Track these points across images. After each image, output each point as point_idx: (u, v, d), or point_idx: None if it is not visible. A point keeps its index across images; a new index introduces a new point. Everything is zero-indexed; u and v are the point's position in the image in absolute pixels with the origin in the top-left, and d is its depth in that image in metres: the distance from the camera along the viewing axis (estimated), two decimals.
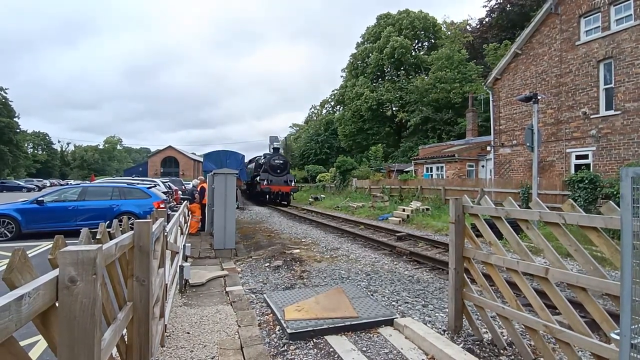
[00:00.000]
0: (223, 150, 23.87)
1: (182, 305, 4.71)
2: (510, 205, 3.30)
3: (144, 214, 10.21)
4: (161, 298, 3.25)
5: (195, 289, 5.41)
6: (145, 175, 47.55)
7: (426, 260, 7.22)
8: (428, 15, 38.91)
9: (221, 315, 4.35)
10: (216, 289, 5.48)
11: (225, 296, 5.12)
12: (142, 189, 11.65)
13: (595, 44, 13.49)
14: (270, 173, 22.83)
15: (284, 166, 23.49)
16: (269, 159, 23.69)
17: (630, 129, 12.43)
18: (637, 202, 1.66)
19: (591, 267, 2.60)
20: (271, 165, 23.05)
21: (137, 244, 2.44)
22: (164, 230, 3.70)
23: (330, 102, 52.74)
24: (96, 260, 1.28)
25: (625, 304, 1.64)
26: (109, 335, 1.70)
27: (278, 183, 22.75)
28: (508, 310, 3.29)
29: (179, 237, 6.38)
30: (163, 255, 3.54)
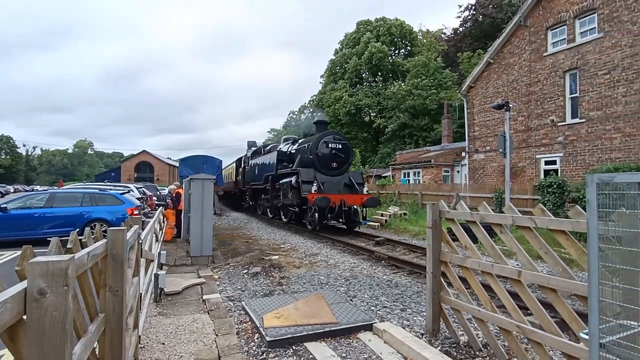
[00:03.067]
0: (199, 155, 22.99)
1: (157, 314, 4.57)
2: (485, 210, 3.39)
3: (117, 221, 9.88)
4: (135, 308, 3.14)
5: (170, 298, 5.26)
6: (118, 180, 46.03)
7: (404, 265, 7.31)
8: (404, 23, 39.81)
9: (198, 324, 4.25)
10: (193, 297, 5.36)
11: (202, 304, 5.01)
12: (115, 194, 11.27)
13: (562, 55, 14.16)
14: (320, 169, 12.35)
15: (345, 155, 12.89)
16: (317, 141, 12.64)
17: (594, 136, 13.09)
18: (602, 207, 1.75)
19: (560, 268, 2.71)
20: (322, 156, 12.49)
21: (111, 253, 2.36)
22: (139, 238, 3.59)
23: (309, 107, 52.92)
24: (68, 271, 1.23)
25: (593, 304, 1.72)
26: (80, 350, 1.63)
27: (337, 188, 12.29)
28: (483, 312, 3.37)
29: (154, 245, 6.21)
30: (138, 264, 3.44)
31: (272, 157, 15.29)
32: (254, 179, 17.74)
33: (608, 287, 1.82)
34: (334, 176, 12.60)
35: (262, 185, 15.99)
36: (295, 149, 14.49)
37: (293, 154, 14.36)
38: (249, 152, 20.67)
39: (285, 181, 12.97)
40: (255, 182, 17.43)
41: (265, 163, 16.42)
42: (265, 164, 16.33)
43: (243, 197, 21.56)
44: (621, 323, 1.75)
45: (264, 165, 16.47)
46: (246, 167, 20.15)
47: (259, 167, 17.38)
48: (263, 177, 15.83)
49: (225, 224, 16.23)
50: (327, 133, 13.24)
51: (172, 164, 63.08)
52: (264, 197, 16.47)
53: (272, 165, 14.92)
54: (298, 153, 13.73)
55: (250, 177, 18.75)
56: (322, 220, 11.46)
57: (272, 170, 14.69)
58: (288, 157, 14.71)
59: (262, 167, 16.64)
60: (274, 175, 14.45)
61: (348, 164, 13.27)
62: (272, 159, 15.19)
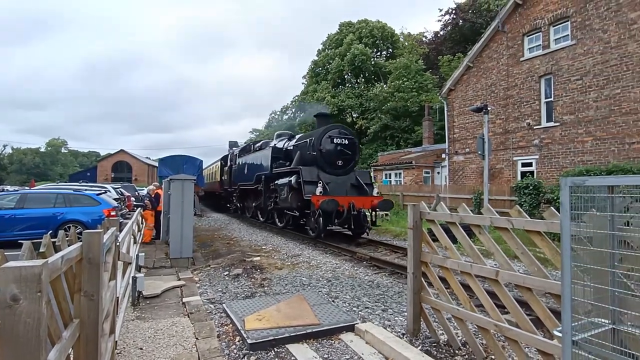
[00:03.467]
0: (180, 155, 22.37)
1: (134, 319, 4.46)
2: (464, 211, 3.47)
3: (93, 223, 9.59)
4: (112, 313, 3.05)
5: (149, 301, 5.15)
6: (94, 180, 44.67)
7: (386, 265, 7.38)
8: (386, 26, 40.24)
9: (177, 327, 4.17)
10: (172, 300, 5.26)
11: (182, 307, 4.92)
12: (91, 195, 10.95)
13: (537, 61, 14.63)
14: (324, 168, 10.92)
15: (352, 152, 11.42)
16: (321, 136, 11.12)
17: (568, 140, 13.57)
18: (575, 208, 1.82)
19: (535, 268, 2.80)
20: (326, 152, 10.98)
21: (86, 256, 2.29)
22: (116, 240, 3.50)
23: (291, 107, 52.79)
24: (41, 276, 1.19)
25: (566, 303, 1.78)
26: (54, 356, 1.57)
27: (343, 189, 10.90)
28: (462, 311, 3.44)
29: (132, 247, 6.06)
30: (115, 267, 3.35)
31: (266, 155, 13.56)
32: (243, 179, 16.18)
33: (580, 286, 1.90)
34: (340, 175, 11.07)
35: (253, 185, 14.44)
36: (293, 145, 12.85)
37: (290, 150, 12.82)
38: (236, 150, 19.26)
39: (282, 181, 11.42)
40: (244, 182, 15.91)
41: (256, 161, 14.70)
42: (256, 163, 14.67)
43: (229, 198, 20.13)
44: (592, 321, 1.82)
45: (254, 164, 14.85)
46: (233, 166, 18.63)
47: (248, 166, 15.72)
48: (254, 177, 14.27)
49: (206, 225, 16.01)
50: (331, 127, 11.53)
51: (151, 163, 61.73)
52: (255, 199, 15.08)
53: (266, 164, 13.33)
54: (297, 149, 12.12)
55: (238, 177, 17.14)
56: (327, 226, 10.12)
57: (266, 169, 13.19)
58: (284, 154, 13.12)
59: (253, 165, 15.01)
60: (268, 175, 12.94)
61: (355, 161, 11.76)
62: (266, 157, 13.46)
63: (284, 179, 11.40)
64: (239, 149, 18.75)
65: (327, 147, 11.03)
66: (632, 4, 11.90)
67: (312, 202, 9.83)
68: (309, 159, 11.26)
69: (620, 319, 1.87)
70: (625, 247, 1.93)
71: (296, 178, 10.73)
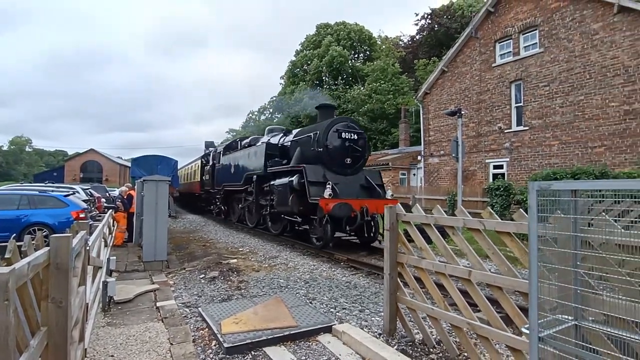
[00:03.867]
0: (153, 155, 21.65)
1: (105, 325, 4.31)
2: (438, 213, 3.56)
3: (60, 226, 9.21)
4: (81, 319, 2.95)
5: (121, 307, 4.99)
6: (61, 181, 42.84)
7: (363, 266, 7.46)
8: (364, 29, 40.73)
9: (151, 333, 4.06)
10: (145, 304, 5.11)
11: (156, 312, 4.80)
12: (57, 196, 10.49)
13: (508, 67, 15.20)
14: (331, 166, 9.63)
15: (362, 148, 10.14)
16: (327, 130, 9.75)
17: (536, 143, 14.16)
18: (542, 211, 1.91)
19: (505, 267, 2.91)
20: (333, 149, 9.68)
21: (54, 262, 2.20)
22: (86, 244, 3.38)
23: (269, 108, 52.49)
24: (8, 284, 1.14)
25: (533, 301, 1.86)
26: None
27: (353, 191, 9.57)
28: (437, 310, 3.53)
29: (103, 250, 5.87)
30: (84, 272, 3.23)
31: (258, 152, 12.02)
32: (229, 180, 14.64)
33: (546, 284, 1.99)
34: (348, 175, 9.75)
35: (241, 186, 12.99)
36: (291, 140, 11.34)
37: (288, 147, 11.40)
38: (219, 148, 17.97)
39: (280, 182, 10.01)
40: (231, 182, 14.35)
41: (245, 159, 13.10)
42: (245, 161, 13.07)
43: (211, 200, 18.40)
44: (557, 318, 1.91)
45: (243, 163, 13.26)
46: (216, 165, 16.99)
47: (235, 164, 14.14)
48: (243, 177, 12.80)
49: (181, 227, 15.67)
50: (338, 119, 10.29)
51: (123, 163, 59.76)
52: (244, 202, 13.54)
53: (258, 162, 11.79)
54: (297, 145, 10.77)
55: (223, 177, 15.46)
56: (334, 233, 8.84)
57: (258, 168, 11.67)
58: (280, 150, 11.63)
59: (241, 164, 13.45)
60: (261, 174, 11.46)
61: (364, 159, 10.40)
62: (258, 154, 11.90)
63: (282, 179, 10.03)
64: (223, 147, 17.23)
65: (334, 143, 9.69)
66: (594, 16, 12.57)
67: (319, 207, 8.42)
68: (312, 157, 9.91)
69: (583, 315, 1.98)
70: (588, 247, 2.04)
71: (298, 178, 9.32)
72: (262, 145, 12.07)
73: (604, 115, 12.37)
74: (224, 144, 18.07)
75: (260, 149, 12.05)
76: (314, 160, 9.80)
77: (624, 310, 1.82)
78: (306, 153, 10.24)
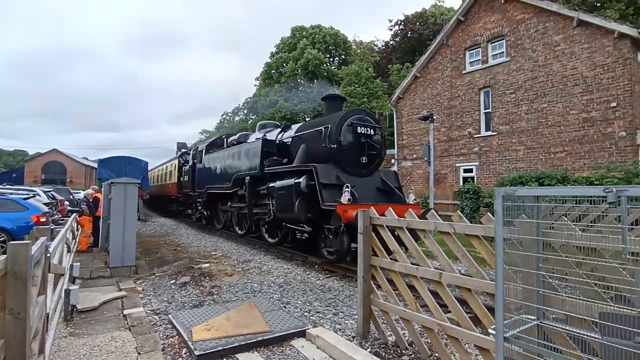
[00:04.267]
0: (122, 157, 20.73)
1: (67, 335, 4.11)
2: (410, 216, 3.63)
3: (19, 230, 8.71)
4: (41, 331, 2.79)
5: (84, 315, 4.77)
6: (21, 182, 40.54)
7: (337, 269, 7.49)
8: (339, 32, 41.08)
9: (117, 342, 3.90)
10: (112, 313, 4.91)
11: (123, 320, 4.62)
12: (16, 199, 9.93)
13: (477, 74, 15.76)
14: (344, 166, 8.37)
15: (380, 145, 9.02)
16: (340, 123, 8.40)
17: (504, 148, 14.74)
18: (508, 215, 1.98)
19: (474, 269, 3.00)
20: (348, 146, 8.38)
21: (11, 270, 2.08)
22: (47, 251, 3.21)
23: (244, 109, 51.92)
24: None
25: (499, 302, 1.93)
26: None
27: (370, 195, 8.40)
28: (409, 312, 3.59)
29: (66, 256, 5.60)
30: (45, 280, 3.07)
31: (252, 150, 10.57)
32: (213, 181, 13.21)
33: (512, 286, 2.07)
34: (363, 177, 8.47)
35: (230, 189, 11.51)
36: (293, 136, 9.90)
37: (288, 144, 10.02)
38: (200, 146, 16.10)
39: (283, 184, 8.56)
40: (216, 185, 12.89)
41: (235, 158, 11.61)
42: (235, 160, 11.58)
43: (191, 204, 16.79)
44: (521, 318, 1.99)
45: (232, 162, 11.76)
46: (197, 165, 15.47)
47: (222, 164, 12.65)
48: (232, 178, 11.37)
49: (151, 231, 15.19)
50: (352, 112, 8.97)
51: (89, 165, 57.28)
52: (232, 207, 12.10)
53: (252, 161, 10.37)
54: (300, 142, 9.37)
55: (206, 179, 14.00)
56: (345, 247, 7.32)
57: (252, 168, 10.31)
58: (279, 148, 10.20)
59: (230, 164, 11.94)
60: (257, 176, 10.07)
61: (381, 158, 9.10)
62: (252, 152, 10.48)
63: (285, 180, 8.61)
64: (205, 144, 15.53)
65: (348, 139, 8.34)
66: (556, 28, 13.26)
67: (335, 214, 7.12)
68: (321, 155, 8.51)
69: (545, 314, 2.07)
70: (550, 249, 2.14)
71: (307, 179, 7.98)
72: (257, 142, 10.52)
73: (565, 123, 13.05)
74: (207, 142, 16.31)
75: (254, 146, 10.53)
76: (323, 158, 8.40)
77: (582, 309, 1.92)
78: (313, 151, 8.86)
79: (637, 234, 2.90)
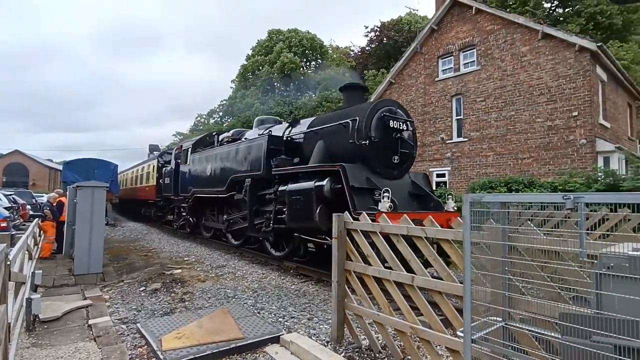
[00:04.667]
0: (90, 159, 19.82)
1: (30, 346, 3.90)
2: (384, 221, 3.68)
3: None
4: (3, 341, 2.63)
5: (47, 325, 4.54)
6: None
7: (312, 274, 7.47)
8: (315, 37, 41.33)
9: (81, 354, 3.73)
10: (76, 322, 4.70)
11: (88, 330, 4.42)
12: None
13: (450, 82, 16.24)
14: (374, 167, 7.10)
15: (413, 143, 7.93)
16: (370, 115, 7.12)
17: (474, 154, 15.23)
18: (477, 221, 2.05)
19: (445, 273, 3.07)
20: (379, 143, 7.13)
21: None
22: (7, 258, 3.04)
23: (219, 112, 51.19)
24: None
25: (467, 305, 1.99)
26: None
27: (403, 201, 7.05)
28: (382, 316, 3.63)
29: (27, 264, 5.31)
30: (5, 289, 2.90)
31: (254, 148, 8.99)
32: (202, 184, 11.62)
33: (481, 288, 2.14)
34: (394, 179, 7.32)
35: (224, 193, 10.01)
36: (305, 132, 8.55)
37: (299, 141, 8.65)
38: (185, 144, 14.26)
39: (299, 187, 7.19)
40: (206, 188, 11.35)
41: (230, 159, 10.00)
42: (230, 161, 9.98)
43: (173, 209, 15.00)
44: (489, 320, 2.05)
45: (227, 163, 10.15)
46: (181, 166, 13.73)
47: (213, 165, 10.97)
48: (227, 181, 9.83)
49: (120, 236, 14.67)
50: (381, 103, 7.69)
51: (54, 167, 54.74)
52: (225, 213, 10.75)
53: (255, 161, 8.84)
54: (317, 138, 8.00)
55: (193, 181, 12.30)
56: None
57: (256, 169, 8.72)
58: (288, 145, 8.78)
59: (223, 165, 10.36)
60: (261, 178, 8.61)
61: (413, 158, 7.96)
62: (254, 151, 8.93)
63: (301, 183, 7.23)
64: (191, 142, 13.80)
65: (379, 134, 7.14)
66: (523, 40, 13.89)
67: None
68: (346, 153, 7.21)
69: (511, 316, 2.14)
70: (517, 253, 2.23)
71: (331, 182, 6.70)
72: (261, 138, 9.00)
73: (531, 130, 13.65)
74: (192, 140, 14.49)
75: (257, 143, 8.92)
76: (349, 157, 7.08)
77: (547, 311, 2.01)
78: (335, 148, 7.54)
79: (594, 238, 3.06)
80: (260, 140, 8.92)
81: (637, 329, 1.43)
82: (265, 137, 8.85)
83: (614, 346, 1.47)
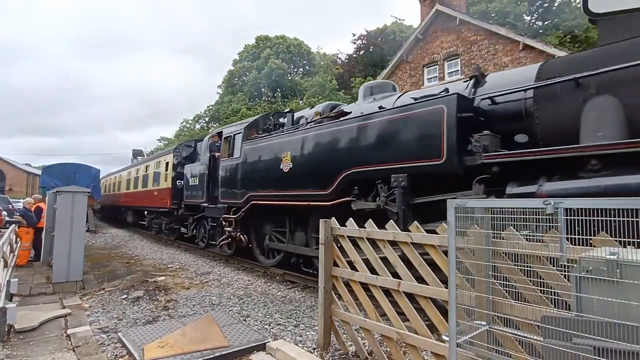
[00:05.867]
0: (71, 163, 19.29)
1: (4, 358, 3.75)
2: (371, 227, 3.70)
3: None
4: None
5: (23, 336, 4.37)
6: None
7: (299, 280, 7.43)
8: (303, 43, 41.59)
9: None
10: (54, 332, 4.54)
11: (66, 340, 4.28)
12: None
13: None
14: None
15: None
16: None
17: None
18: (462, 226, 2.08)
19: (431, 278, 3.11)
20: None
21: None
22: None
23: (205, 117, 50.74)
24: None
25: (451, 309, 2.01)
26: None
27: None
28: (369, 322, 3.63)
29: (2, 271, 5.13)
30: None
31: (417, 119, 4.98)
32: (270, 185, 7.68)
33: (466, 293, 2.16)
34: None
35: (325, 198, 6.28)
36: (535, 85, 4.43)
37: (524, 103, 4.55)
38: (228, 128, 10.09)
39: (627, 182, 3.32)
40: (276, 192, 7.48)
41: (343, 142, 6.04)
42: (344, 146, 6.03)
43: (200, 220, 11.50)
44: (473, 324, 2.08)
45: (334, 149, 6.20)
46: (221, 160, 9.69)
47: (300, 155, 6.89)
48: (334, 179, 6.09)
49: (102, 243, 14.31)
50: None
51: (32, 171, 53.13)
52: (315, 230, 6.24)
53: (419, 142, 4.93)
54: (586, 93, 3.97)
55: (247, 181, 8.43)
56: None
57: (424, 156, 4.83)
58: (484, 114, 4.91)
59: (322, 154, 6.44)
60: (438, 170, 4.70)
61: None
62: (418, 124, 4.96)
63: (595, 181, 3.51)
64: (240, 125, 9.56)
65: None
66: (505, 50, 14.27)
67: None
68: None
69: (495, 319, 2.18)
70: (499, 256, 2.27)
71: None
72: (437, 101, 4.87)
73: None
74: (238, 124, 10.03)
75: (427, 110, 4.91)
76: None
77: (530, 314, 2.04)
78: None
79: None
80: (436, 105, 4.84)
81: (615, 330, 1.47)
82: (452, 96, 4.73)
83: (594, 348, 1.51)
